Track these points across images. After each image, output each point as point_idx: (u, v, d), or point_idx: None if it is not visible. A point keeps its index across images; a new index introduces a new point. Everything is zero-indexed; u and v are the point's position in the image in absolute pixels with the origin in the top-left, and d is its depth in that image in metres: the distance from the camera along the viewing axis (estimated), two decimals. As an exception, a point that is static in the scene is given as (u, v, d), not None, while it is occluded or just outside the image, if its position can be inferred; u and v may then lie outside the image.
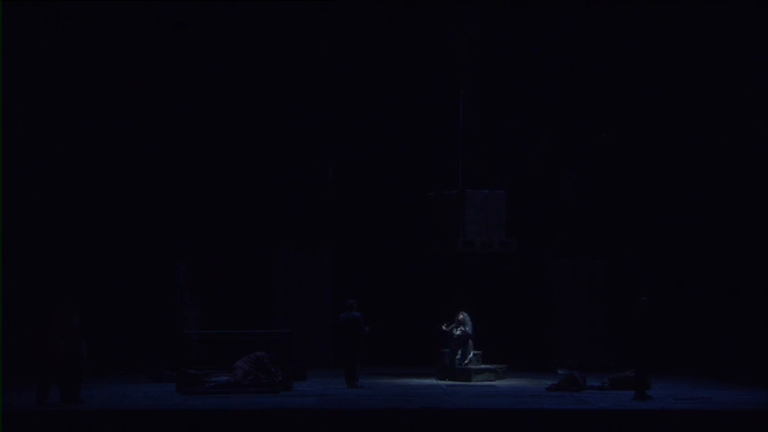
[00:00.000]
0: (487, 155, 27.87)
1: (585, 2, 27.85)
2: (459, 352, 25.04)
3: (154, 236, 27.98)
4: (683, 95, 28.14)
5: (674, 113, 28.26)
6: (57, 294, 23.95)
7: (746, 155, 27.48)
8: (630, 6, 27.76)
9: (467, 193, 25.47)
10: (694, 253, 27.96)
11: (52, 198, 27.32)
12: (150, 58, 27.89)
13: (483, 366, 25.28)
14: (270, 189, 28.84)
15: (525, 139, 28.74)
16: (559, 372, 25.73)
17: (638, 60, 28.15)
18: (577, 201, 28.90)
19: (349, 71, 28.59)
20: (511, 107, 28.57)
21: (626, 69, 28.22)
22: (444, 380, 25.08)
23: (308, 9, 27.90)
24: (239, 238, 28.54)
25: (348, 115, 28.86)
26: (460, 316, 25.06)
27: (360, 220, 29.02)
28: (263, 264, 28.23)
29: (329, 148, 28.98)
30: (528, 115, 28.65)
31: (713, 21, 27.36)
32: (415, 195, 27.19)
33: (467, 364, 25.04)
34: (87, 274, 26.98)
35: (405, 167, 28.79)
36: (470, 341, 25.18)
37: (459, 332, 25.01)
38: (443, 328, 25.09)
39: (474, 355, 25.27)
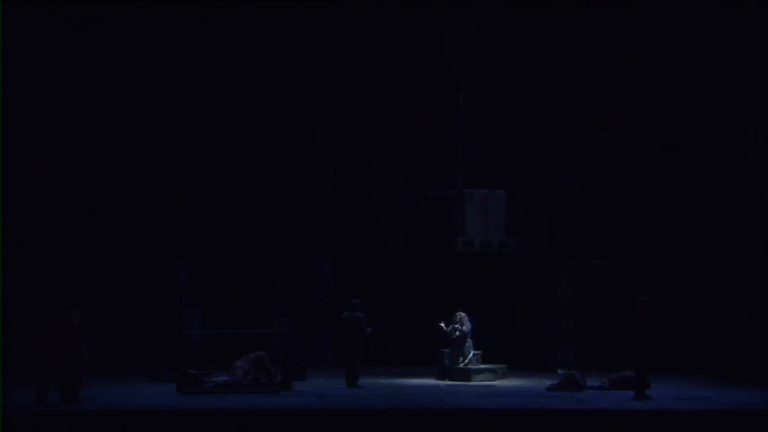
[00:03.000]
0: (487, 155, 27.85)
1: (586, 3, 27.84)
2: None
3: (154, 236, 27.97)
4: (683, 95, 28.14)
5: (674, 113, 28.26)
6: (57, 294, 23.94)
7: (746, 155, 27.48)
8: (631, 7, 27.75)
9: (466, 194, 25.47)
10: (694, 253, 27.95)
11: (52, 198, 27.31)
12: (150, 58, 27.88)
13: (483, 366, 25.27)
14: (270, 189, 28.83)
15: (525, 139, 28.71)
16: (559, 372, 25.71)
17: (639, 61, 28.14)
18: (577, 201, 28.89)
19: (349, 71, 28.58)
20: (511, 107, 28.54)
21: (626, 70, 28.21)
22: (444, 380, 25.07)
23: (307, 9, 27.89)
24: (239, 238, 28.52)
25: (348, 115, 28.85)
26: (458, 316, 25.05)
27: (360, 220, 29.01)
28: (262, 264, 28.21)
29: (329, 148, 28.97)
30: (528, 115, 28.62)
31: (713, 21, 27.36)
32: (415, 195, 27.18)
33: (466, 365, 25.03)
34: (87, 274, 26.98)
35: (405, 167, 28.78)
36: (469, 341, 25.18)
37: (458, 333, 25.01)
38: (441, 325, 25.07)
39: (474, 355, 25.27)
